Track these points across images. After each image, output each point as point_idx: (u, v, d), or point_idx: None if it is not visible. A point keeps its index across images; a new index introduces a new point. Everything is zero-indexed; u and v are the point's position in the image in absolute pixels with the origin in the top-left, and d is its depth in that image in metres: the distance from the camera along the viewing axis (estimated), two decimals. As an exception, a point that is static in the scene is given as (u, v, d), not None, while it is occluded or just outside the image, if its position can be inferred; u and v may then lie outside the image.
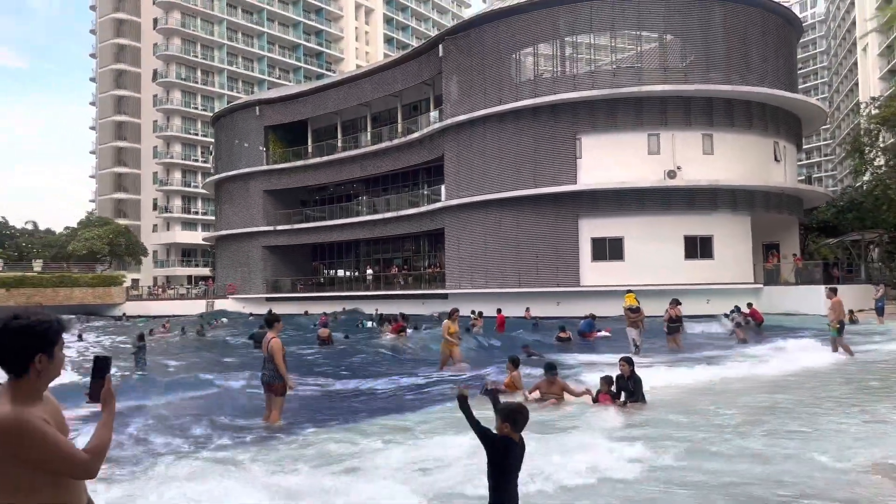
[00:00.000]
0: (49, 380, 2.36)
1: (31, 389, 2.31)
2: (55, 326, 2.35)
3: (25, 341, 2.27)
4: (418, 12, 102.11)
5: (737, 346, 18.33)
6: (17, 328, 2.27)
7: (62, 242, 67.48)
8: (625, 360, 10.22)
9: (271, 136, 47.49)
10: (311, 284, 47.12)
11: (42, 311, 2.38)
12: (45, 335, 2.31)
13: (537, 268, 32.20)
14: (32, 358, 2.28)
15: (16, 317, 2.31)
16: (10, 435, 2.18)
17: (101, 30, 77.80)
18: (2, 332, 2.28)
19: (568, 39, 32.21)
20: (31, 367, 2.28)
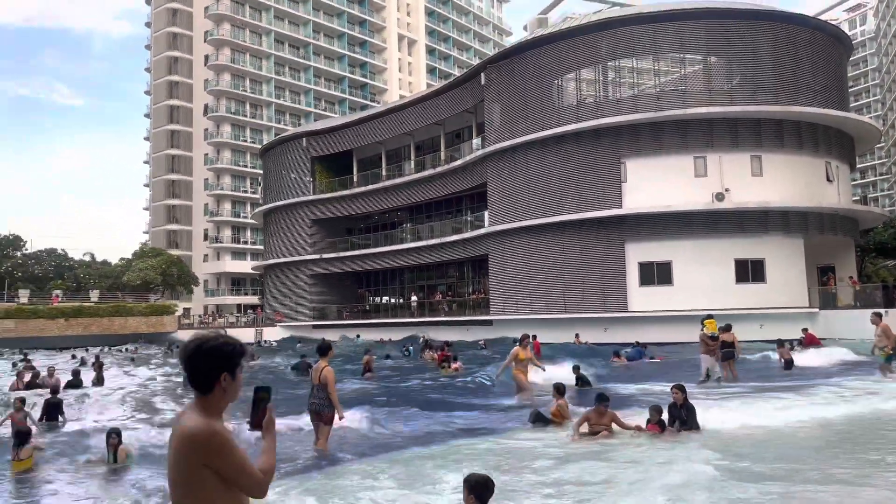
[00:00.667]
0: (231, 399, 2.55)
1: (216, 406, 2.50)
2: (238, 349, 2.54)
3: (214, 361, 2.47)
4: (460, 42, 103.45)
5: (783, 367, 17.73)
6: (209, 349, 2.47)
7: (117, 273, 69.68)
8: (677, 388, 9.97)
9: (317, 166, 48.44)
10: (356, 311, 47.52)
11: (226, 335, 2.57)
12: (231, 356, 2.51)
13: (583, 293, 31.84)
14: (219, 377, 2.48)
15: (206, 339, 2.51)
16: (205, 444, 2.37)
17: (156, 68, 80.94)
18: (195, 353, 2.48)
19: (610, 64, 32.16)
20: (216, 386, 2.48)
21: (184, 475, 2.41)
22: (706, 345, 16.06)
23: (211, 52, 76.45)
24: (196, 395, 2.49)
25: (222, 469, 2.41)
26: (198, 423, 2.40)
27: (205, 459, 2.39)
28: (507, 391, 14.81)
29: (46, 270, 73.68)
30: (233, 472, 2.43)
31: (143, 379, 22.79)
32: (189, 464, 2.40)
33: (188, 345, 2.52)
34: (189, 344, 2.52)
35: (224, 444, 2.40)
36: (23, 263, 73.52)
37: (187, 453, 2.40)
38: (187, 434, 2.39)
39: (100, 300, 57.12)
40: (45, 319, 46.75)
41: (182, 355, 2.52)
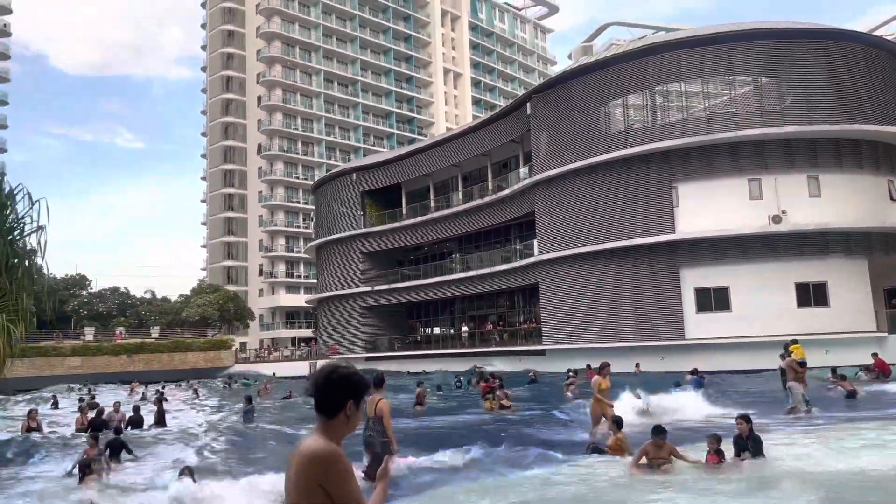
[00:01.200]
0: (351, 428, 2.66)
1: (338, 432, 2.61)
2: (365, 383, 2.68)
3: (342, 388, 2.61)
4: (505, 73, 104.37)
5: (845, 398, 16.92)
6: (339, 376, 2.62)
7: (177, 309, 71.67)
8: (742, 419, 9.66)
9: (367, 200, 49.23)
10: (408, 343, 47.67)
11: (355, 368, 2.72)
12: (358, 386, 2.64)
13: (637, 321, 31.24)
14: (345, 404, 2.60)
15: (337, 367, 2.66)
16: (325, 463, 2.47)
17: (211, 110, 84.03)
18: (327, 380, 2.62)
19: (658, 89, 31.92)
20: (342, 412, 2.60)
21: (302, 494, 2.48)
22: (795, 371, 15.22)
23: (263, 93, 79.03)
24: (320, 420, 2.60)
25: (335, 494, 2.48)
26: (321, 444, 2.51)
27: (322, 480, 2.46)
28: (564, 423, 14.54)
29: (110, 308, 76.34)
30: (346, 497, 2.49)
31: (204, 414, 23.23)
32: (308, 482, 2.47)
33: (320, 371, 2.66)
34: (321, 370, 2.66)
35: (344, 469, 2.50)
36: (88, 302, 76.39)
37: (307, 471, 2.48)
38: (309, 453, 2.49)
39: (160, 336, 58.80)
40: (109, 356, 48.37)
41: (312, 380, 2.65)
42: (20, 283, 14.47)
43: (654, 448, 9.76)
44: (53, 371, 45.48)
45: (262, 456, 13.13)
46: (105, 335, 58.68)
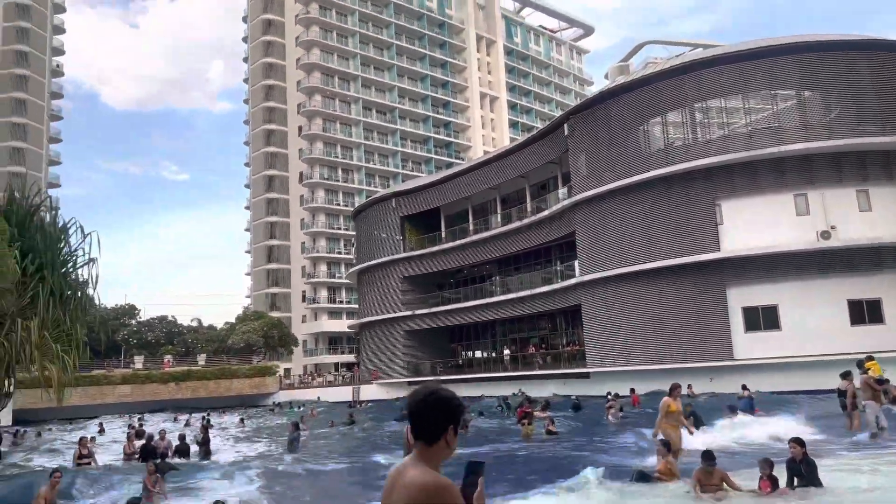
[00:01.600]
0: (450, 454, 2.53)
1: (438, 459, 2.50)
2: (462, 407, 2.57)
3: (442, 413, 2.48)
4: (541, 95, 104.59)
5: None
6: (437, 400, 2.50)
7: (222, 337, 72.88)
8: (795, 442, 9.34)
9: (407, 225, 49.58)
10: (450, 367, 47.51)
11: (451, 391, 2.58)
12: (457, 411, 2.53)
13: (684, 342, 30.60)
14: (446, 429, 2.48)
15: (435, 390, 2.54)
16: (436, 494, 2.36)
17: (254, 140, 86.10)
18: (425, 404, 2.50)
19: (697, 105, 31.56)
20: (442, 438, 2.48)
21: None
22: (871, 389, 14.22)
23: (304, 122, 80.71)
24: (419, 446, 2.49)
25: None
26: (431, 476, 2.40)
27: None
28: (610, 449, 14.25)
29: (158, 337, 78.04)
30: None
31: (250, 443, 23.46)
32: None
33: (417, 394, 2.54)
34: (418, 393, 2.54)
35: (455, 500, 2.39)
36: (137, 331, 78.25)
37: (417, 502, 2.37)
38: (420, 484, 2.38)
39: (207, 364, 59.80)
40: (157, 384, 49.35)
41: (410, 404, 2.53)
42: (74, 315, 14.94)
43: (705, 475, 9.49)
44: (105, 399, 46.58)
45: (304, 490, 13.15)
46: (154, 363, 59.94)
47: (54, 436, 30.59)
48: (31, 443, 26.74)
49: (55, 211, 17.38)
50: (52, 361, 13.99)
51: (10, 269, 13.49)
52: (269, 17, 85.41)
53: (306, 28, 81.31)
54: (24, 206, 15.78)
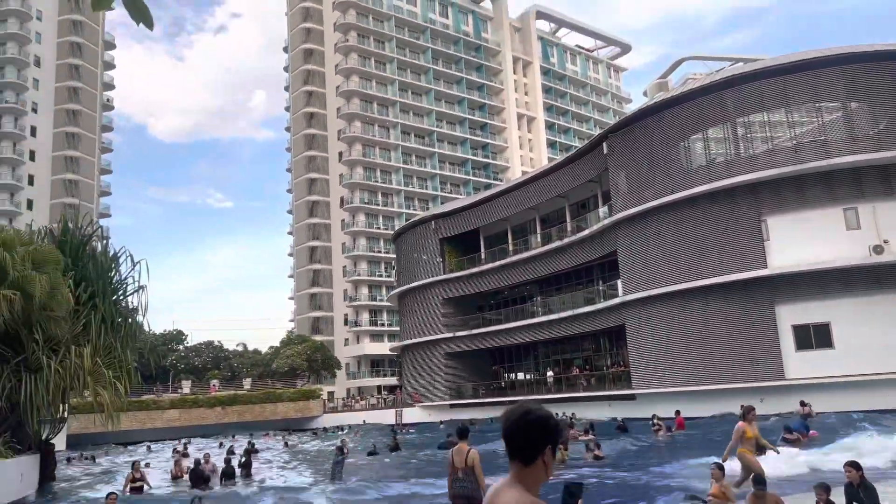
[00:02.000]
0: (547, 477, 2.45)
1: (536, 481, 2.41)
2: (559, 427, 2.49)
3: (540, 432, 2.39)
4: (579, 114, 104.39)
5: None
6: (535, 419, 2.40)
7: (267, 361, 73.85)
8: (851, 466, 8.99)
9: (446, 246, 49.73)
10: (492, 389, 47.17)
11: (546, 409, 2.50)
12: (554, 431, 2.43)
13: (732, 361, 29.83)
14: (543, 449, 2.39)
15: (531, 409, 2.45)
16: None
17: (296, 167, 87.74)
18: (523, 423, 2.41)
19: (739, 120, 31.07)
20: (539, 458, 2.39)
21: None
22: None
23: (344, 148, 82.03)
24: (515, 467, 2.39)
25: None
26: (526, 497, 2.31)
27: None
28: (659, 473, 13.93)
29: (205, 361, 79.52)
30: None
31: (294, 469, 23.59)
32: None
33: (512, 413, 2.45)
34: (513, 412, 2.45)
35: None
36: (185, 356, 79.89)
37: None
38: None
39: (252, 388, 60.57)
40: (204, 408, 50.11)
41: (505, 423, 2.43)
42: (124, 341, 15.35)
43: (756, 500, 9.20)
44: (154, 424, 47.48)
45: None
46: (201, 388, 60.98)
47: (107, 460, 31.26)
48: (85, 467, 27.36)
49: (106, 240, 17.99)
50: (105, 387, 14.37)
51: (65, 298, 13.97)
52: (309, 46, 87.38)
53: (345, 56, 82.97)
54: (77, 237, 16.37)
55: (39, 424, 14.73)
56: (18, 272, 13.24)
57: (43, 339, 13.83)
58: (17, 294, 12.96)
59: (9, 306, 12.75)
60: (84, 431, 38.15)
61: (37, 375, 13.58)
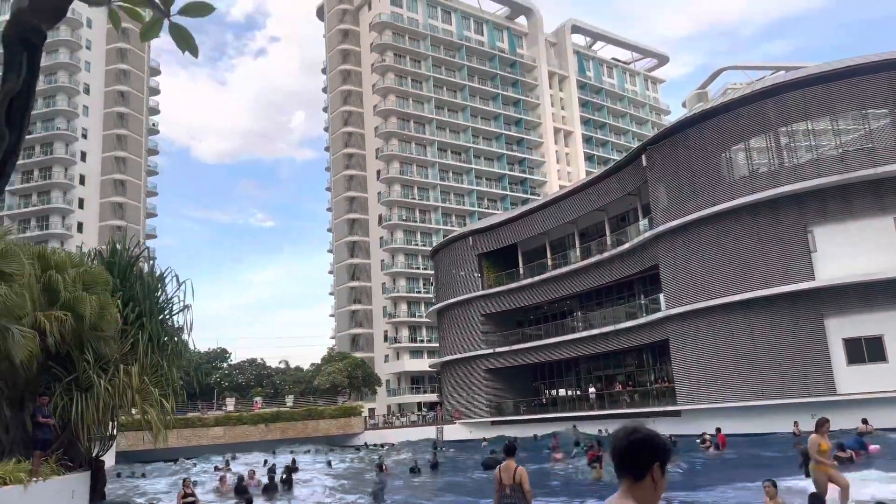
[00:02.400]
0: (659, 495, 2.53)
1: (647, 497, 2.50)
2: (668, 445, 2.59)
3: (646, 449, 2.51)
4: (616, 127, 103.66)
5: None
6: (642, 437, 2.53)
7: (309, 378, 74.49)
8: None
9: (484, 262, 49.64)
10: (533, 406, 46.70)
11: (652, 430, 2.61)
12: (662, 449, 2.54)
13: (781, 376, 29.02)
14: (651, 465, 2.50)
15: (637, 429, 2.58)
16: None
17: (335, 186, 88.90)
18: (628, 442, 2.53)
19: (782, 130, 30.46)
20: (648, 475, 2.49)
21: None
22: None
23: (382, 166, 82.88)
24: (625, 484, 2.50)
25: None
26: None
27: None
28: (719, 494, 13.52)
29: (248, 379, 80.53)
30: None
31: (333, 484, 23.66)
32: None
33: (619, 432, 2.58)
34: (619, 433, 2.58)
35: None
36: (228, 374, 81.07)
37: None
38: None
39: (294, 405, 61.09)
40: (248, 425, 50.69)
41: (613, 441, 2.57)
42: (170, 360, 15.66)
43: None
44: (200, 441, 48.18)
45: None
46: (244, 405, 61.74)
47: (154, 477, 31.82)
48: (134, 484, 27.91)
49: (153, 261, 18.45)
50: (152, 405, 14.66)
51: (114, 318, 14.33)
52: (346, 67, 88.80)
53: (382, 76, 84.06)
54: (125, 258, 16.82)
55: (90, 442, 15.09)
56: (70, 293, 13.66)
57: (93, 359, 14.20)
58: (69, 315, 13.36)
59: (60, 327, 13.14)
60: (132, 448, 38.93)
61: (87, 394, 13.93)
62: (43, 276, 13.67)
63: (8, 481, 10.63)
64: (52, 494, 12.30)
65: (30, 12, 2.32)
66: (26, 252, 13.15)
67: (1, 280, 11.02)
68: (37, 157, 76.11)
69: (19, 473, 11.11)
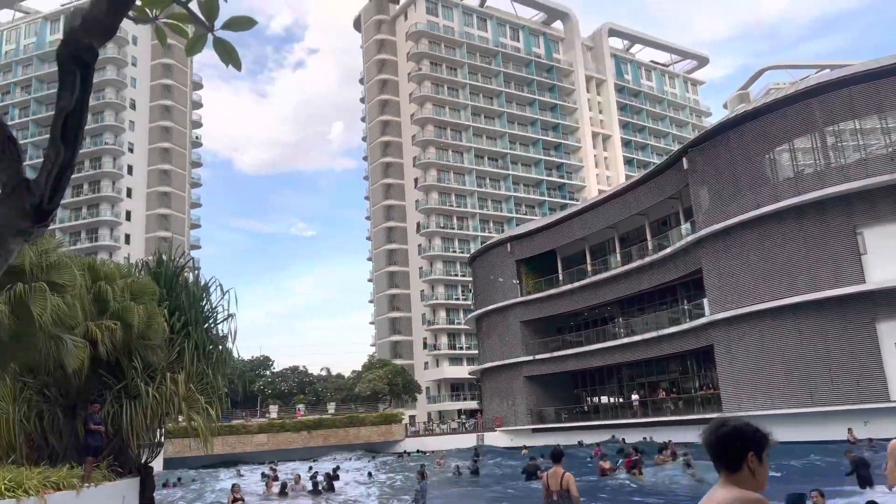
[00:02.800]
0: (759, 484, 2.55)
1: (746, 485, 2.51)
2: (760, 433, 2.61)
3: (736, 440, 2.56)
4: (656, 130, 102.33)
5: None
6: (731, 429, 2.58)
7: (350, 385, 75.03)
8: None
9: (523, 268, 49.40)
10: (574, 413, 46.21)
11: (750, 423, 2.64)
12: (755, 437, 2.57)
13: (831, 382, 28.17)
14: (745, 456, 2.54)
15: (728, 420, 2.65)
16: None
17: (373, 195, 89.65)
18: (716, 435, 2.59)
19: (828, 129, 29.67)
20: (743, 466, 2.53)
21: None
22: None
23: (419, 174, 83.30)
24: (723, 476, 2.54)
25: None
26: (738, 492, 2.43)
27: None
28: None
29: (291, 386, 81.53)
30: None
31: (375, 492, 23.75)
32: None
33: (708, 428, 2.63)
34: (709, 427, 2.63)
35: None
36: (272, 381, 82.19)
37: None
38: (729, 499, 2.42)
39: (336, 412, 61.59)
40: (291, 433, 51.28)
41: (704, 437, 2.61)
42: (216, 368, 15.95)
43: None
44: (244, 448, 48.93)
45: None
46: (287, 412, 62.48)
47: (199, 483, 32.41)
48: (183, 490, 28.46)
49: (197, 271, 18.83)
50: (198, 412, 14.93)
51: (161, 327, 14.66)
52: (384, 77, 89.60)
53: (419, 84, 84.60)
54: (171, 269, 17.20)
55: (139, 448, 15.44)
56: (119, 303, 14.02)
57: (141, 367, 14.55)
58: (118, 324, 13.71)
59: (111, 336, 13.49)
60: (178, 455, 39.75)
61: (136, 401, 14.27)
62: (93, 286, 14.06)
63: (62, 486, 10.94)
64: (104, 499, 12.62)
65: (81, 31, 2.40)
66: (77, 263, 13.55)
67: (53, 291, 11.37)
68: (86, 172, 78.55)
69: (72, 479, 11.43)
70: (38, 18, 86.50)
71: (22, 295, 10.87)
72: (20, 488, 9.87)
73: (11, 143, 2.50)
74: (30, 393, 13.96)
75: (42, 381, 14.12)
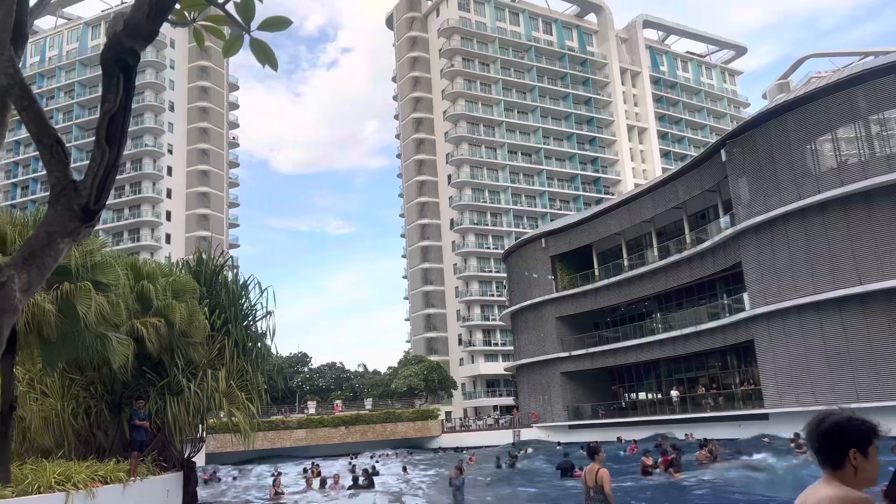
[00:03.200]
0: (866, 480, 2.47)
1: (850, 483, 2.45)
2: (865, 426, 2.50)
3: (836, 437, 2.47)
4: (693, 122, 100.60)
5: None
6: (831, 424, 2.49)
7: (386, 381, 75.55)
8: None
9: (558, 264, 49.06)
10: (612, 409, 45.78)
11: (853, 414, 2.54)
12: (856, 432, 2.47)
13: (877, 377, 27.41)
14: (846, 452, 2.44)
15: (828, 415, 2.54)
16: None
17: (407, 192, 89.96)
18: (818, 432, 2.51)
19: (872, 118, 28.80)
20: (846, 462, 2.45)
21: None
22: None
23: (453, 171, 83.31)
24: (826, 472, 2.47)
25: None
26: (842, 490, 2.36)
27: None
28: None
29: (328, 382, 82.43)
30: None
31: (412, 488, 23.87)
32: None
33: (812, 421, 2.54)
34: (811, 422, 2.54)
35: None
36: (309, 377, 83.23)
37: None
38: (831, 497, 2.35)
39: (373, 408, 62.08)
40: (329, 428, 51.85)
41: (806, 434, 2.55)
42: (255, 364, 16.22)
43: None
44: (284, 444, 49.64)
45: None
46: (325, 408, 63.18)
47: (240, 478, 32.99)
48: (225, 485, 29.01)
49: (236, 270, 19.15)
50: (239, 408, 15.21)
51: (202, 325, 14.97)
52: (416, 74, 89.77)
53: (451, 81, 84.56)
54: (210, 267, 17.54)
55: (182, 444, 15.79)
56: (161, 301, 14.35)
57: (183, 364, 14.87)
58: (162, 320, 14.04)
59: (155, 333, 13.82)
60: (219, 451, 40.50)
61: (178, 398, 14.60)
62: (136, 285, 14.42)
63: (109, 480, 11.26)
64: (149, 493, 12.95)
65: (124, 35, 2.46)
66: (121, 263, 13.90)
67: (98, 290, 11.68)
68: (127, 174, 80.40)
69: (119, 473, 11.76)
70: (80, 24, 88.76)
71: (68, 294, 11.19)
72: (69, 482, 10.18)
73: (59, 147, 2.57)
74: (77, 389, 14.38)
75: (89, 378, 14.54)
